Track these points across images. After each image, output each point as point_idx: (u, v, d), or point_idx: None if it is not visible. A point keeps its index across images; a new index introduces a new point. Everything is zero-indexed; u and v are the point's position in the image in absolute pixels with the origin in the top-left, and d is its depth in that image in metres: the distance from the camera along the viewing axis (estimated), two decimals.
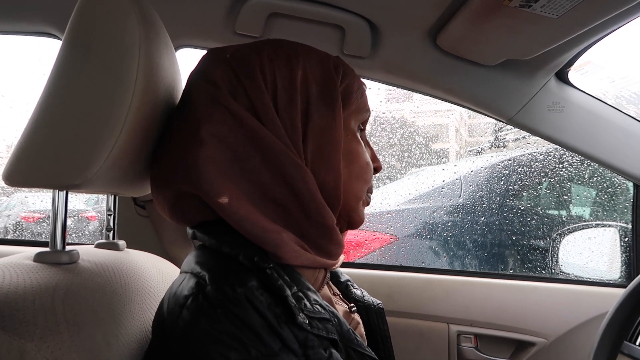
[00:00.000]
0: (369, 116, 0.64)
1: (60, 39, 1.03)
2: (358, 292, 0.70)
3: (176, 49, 1.08)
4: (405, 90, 1.27)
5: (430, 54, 1.06)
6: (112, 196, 0.74)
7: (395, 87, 1.22)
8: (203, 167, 0.51)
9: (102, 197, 0.74)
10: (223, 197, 0.51)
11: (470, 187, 1.98)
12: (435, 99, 1.22)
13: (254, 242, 0.52)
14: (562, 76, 1.13)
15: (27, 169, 0.48)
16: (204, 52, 0.61)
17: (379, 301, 0.70)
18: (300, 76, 0.56)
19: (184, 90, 0.59)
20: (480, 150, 2.46)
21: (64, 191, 0.53)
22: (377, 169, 0.65)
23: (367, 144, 0.66)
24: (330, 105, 0.57)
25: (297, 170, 0.53)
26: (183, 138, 0.55)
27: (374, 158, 0.65)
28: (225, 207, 0.52)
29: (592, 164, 1.85)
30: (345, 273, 0.73)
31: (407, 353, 1.23)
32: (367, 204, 0.64)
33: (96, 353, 0.46)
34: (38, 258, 0.52)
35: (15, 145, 0.49)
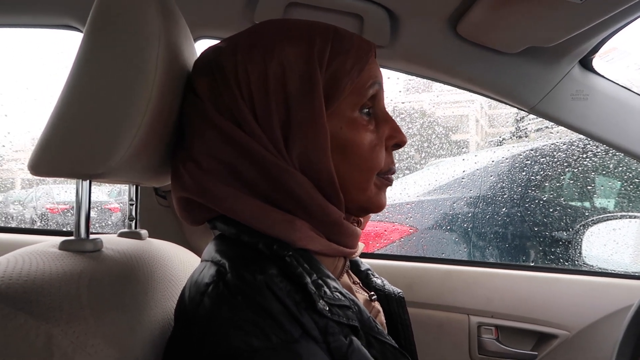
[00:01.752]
0: (377, 89, 0.58)
1: (82, 32, 1.05)
2: (378, 281, 0.70)
3: (195, 40, 1.09)
4: (424, 80, 1.26)
5: (451, 42, 1.04)
6: (134, 186, 0.75)
7: (414, 77, 1.21)
8: (201, 181, 0.53)
9: (125, 189, 0.75)
10: (226, 203, 0.53)
11: (491, 178, 1.96)
12: (455, 89, 1.20)
13: (268, 234, 0.52)
14: (586, 63, 1.10)
15: (51, 159, 0.49)
16: None
17: (399, 290, 0.70)
18: (274, 75, 0.53)
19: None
20: (501, 140, 2.42)
21: (87, 181, 0.54)
22: (398, 144, 0.61)
23: (385, 118, 0.60)
24: (310, 103, 0.53)
25: (289, 177, 0.52)
26: (178, 153, 0.57)
27: (394, 132, 0.60)
28: (231, 211, 0.53)
29: (617, 153, 1.81)
30: (364, 263, 0.73)
31: (427, 344, 1.23)
32: (388, 185, 0.61)
33: (120, 338, 0.47)
34: (63, 246, 0.53)
35: (40, 136, 0.50)
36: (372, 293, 0.65)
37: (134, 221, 0.75)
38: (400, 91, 2.20)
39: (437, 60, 1.11)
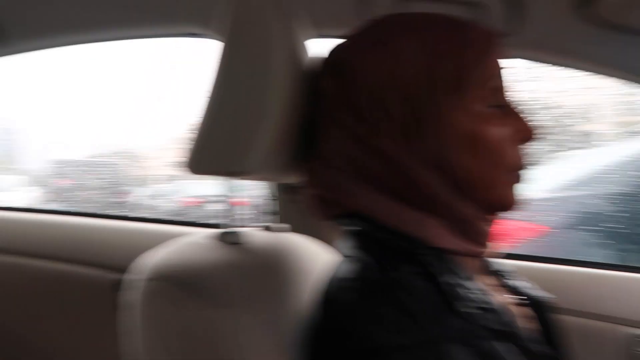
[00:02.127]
0: (502, 81, 0.56)
1: (204, 37, 1.14)
2: (519, 284, 0.66)
3: (312, 39, 1.12)
4: (549, 69, 1.18)
5: (581, 25, 0.96)
6: (275, 183, 0.81)
7: (541, 65, 1.14)
8: (331, 179, 0.55)
9: (251, 184, 0.80)
10: (357, 200, 0.54)
11: (636, 172, 1.75)
12: (584, 76, 1.11)
13: (400, 232, 0.53)
14: None
15: (206, 160, 0.55)
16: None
17: (546, 294, 0.65)
18: (396, 71, 0.53)
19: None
20: None
21: (233, 179, 0.60)
22: (527, 138, 0.57)
23: (511, 111, 0.56)
24: (433, 98, 0.52)
25: (418, 174, 0.52)
26: (307, 151, 0.59)
27: (522, 125, 0.56)
28: (363, 208, 0.54)
29: None
30: (503, 264, 0.69)
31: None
32: (518, 182, 0.57)
33: (270, 325, 0.51)
34: (215, 237, 0.60)
35: (194, 138, 0.55)
36: (516, 296, 0.62)
37: (274, 216, 0.80)
38: (525, 81, 2.08)
39: (567, 46, 1.03)
